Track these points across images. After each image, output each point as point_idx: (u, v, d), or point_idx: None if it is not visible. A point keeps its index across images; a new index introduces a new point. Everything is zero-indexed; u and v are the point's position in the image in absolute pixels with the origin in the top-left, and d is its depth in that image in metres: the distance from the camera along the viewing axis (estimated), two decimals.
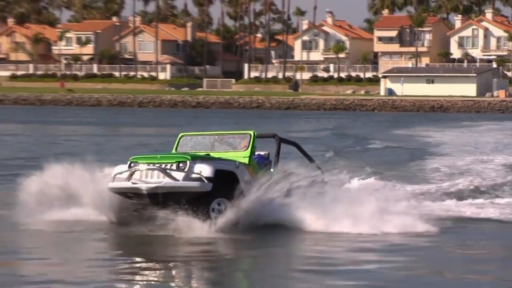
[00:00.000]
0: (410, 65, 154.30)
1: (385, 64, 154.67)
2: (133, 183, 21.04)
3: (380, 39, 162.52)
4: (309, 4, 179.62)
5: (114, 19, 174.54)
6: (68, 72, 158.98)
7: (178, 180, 20.82)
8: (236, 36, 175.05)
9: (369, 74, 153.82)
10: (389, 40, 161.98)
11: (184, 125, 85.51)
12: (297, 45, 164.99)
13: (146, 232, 21.20)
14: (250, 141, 22.78)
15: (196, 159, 21.33)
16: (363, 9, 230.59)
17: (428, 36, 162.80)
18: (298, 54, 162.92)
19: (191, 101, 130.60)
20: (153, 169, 21.16)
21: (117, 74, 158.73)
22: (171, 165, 21.08)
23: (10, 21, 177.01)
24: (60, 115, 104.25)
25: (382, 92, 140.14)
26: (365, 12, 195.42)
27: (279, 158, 23.88)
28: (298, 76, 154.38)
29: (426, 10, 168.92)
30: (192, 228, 20.97)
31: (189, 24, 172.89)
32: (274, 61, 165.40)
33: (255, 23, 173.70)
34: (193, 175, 20.87)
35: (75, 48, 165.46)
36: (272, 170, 23.33)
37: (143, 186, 20.91)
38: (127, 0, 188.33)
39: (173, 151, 23.23)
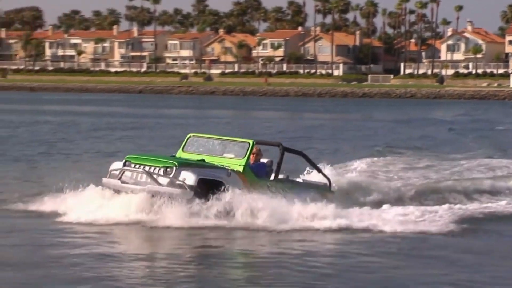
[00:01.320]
0: None
1: None
2: (122, 183, 18.32)
3: (511, 42, 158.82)
4: (453, 15, 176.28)
5: (300, 29, 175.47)
6: (263, 70, 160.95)
7: (162, 185, 17.93)
8: (395, 41, 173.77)
9: (501, 71, 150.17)
10: None
11: (352, 111, 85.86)
12: (443, 48, 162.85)
13: None
14: (247, 150, 18.85)
15: (183, 165, 18.15)
16: (496, 18, 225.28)
17: None
18: (444, 55, 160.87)
19: (358, 92, 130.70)
20: (141, 172, 18.24)
21: (301, 71, 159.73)
22: (159, 169, 18.08)
23: (221, 31, 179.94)
24: (258, 103, 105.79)
25: None
26: (498, 21, 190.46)
27: (280, 168, 19.57)
28: (443, 72, 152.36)
29: None
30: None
31: (357, 32, 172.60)
32: (424, 60, 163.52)
33: (409, 31, 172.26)
34: (177, 182, 17.86)
35: (269, 52, 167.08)
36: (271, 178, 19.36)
37: (131, 188, 18.24)
38: (309, 14, 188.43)
39: (180, 150, 19.72)
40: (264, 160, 19.63)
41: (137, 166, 18.39)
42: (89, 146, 38.82)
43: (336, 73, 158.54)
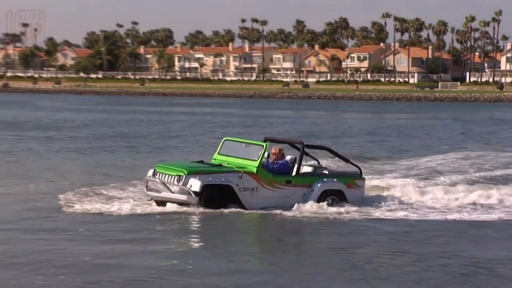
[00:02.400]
0: None
1: None
2: (148, 189, 17.45)
3: None
4: None
5: (381, 44, 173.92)
6: (351, 79, 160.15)
7: (173, 192, 16.75)
8: (461, 54, 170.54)
9: None
10: None
11: (422, 112, 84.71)
12: (503, 59, 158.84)
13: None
14: (261, 152, 17.16)
15: (192, 173, 16.70)
16: None
17: None
18: (503, 65, 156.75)
19: (430, 97, 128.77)
20: (157, 182, 17.13)
21: (382, 79, 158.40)
22: (174, 178, 16.79)
23: (316, 47, 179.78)
24: (347, 106, 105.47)
25: None
26: None
27: (301, 163, 17.81)
28: (503, 80, 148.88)
29: None
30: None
31: (430, 47, 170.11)
32: (486, 70, 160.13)
33: (474, 45, 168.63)
34: (185, 188, 16.56)
35: (356, 63, 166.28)
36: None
37: (151, 195, 17.30)
38: (390, 32, 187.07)
39: (216, 152, 18.24)
40: (288, 158, 17.98)
41: (160, 174, 17.19)
42: (212, 141, 39.08)
43: (411, 81, 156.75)
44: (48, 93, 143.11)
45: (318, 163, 19.09)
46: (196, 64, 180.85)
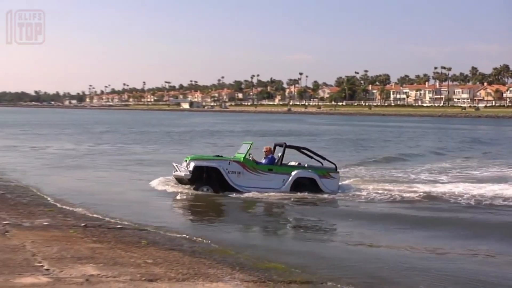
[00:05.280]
0: None
1: None
2: (173, 173, 14.97)
3: None
4: None
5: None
6: (510, 105, 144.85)
7: (180, 172, 14.55)
8: None
9: None
10: None
11: None
12: None
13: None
14: (248, 148, 14.75)
15: (194, 159, 14.56)
16: None
17: None
18: None
19: None
20: (177, 166, 14.86)
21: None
22: (186, 162, 14.63)
23: (485, 84, 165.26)
24: (505, 123, 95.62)
25: None
26: None
27: (283, 158, 14.80)
28: None
29: None
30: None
31: None
32: None
33: None
34: (186, 168, 14.40)
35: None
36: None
37: (173, 174, 14.90)
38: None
39: (236, 152, 15.51)
40: (275, 156, 15.18)
41: (184, 162, 14.91)
42: (411, 143, 36.34)
43: None
44: (313, 114, 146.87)
45: (322, 163, 15.44)
46: (404, 96, 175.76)
